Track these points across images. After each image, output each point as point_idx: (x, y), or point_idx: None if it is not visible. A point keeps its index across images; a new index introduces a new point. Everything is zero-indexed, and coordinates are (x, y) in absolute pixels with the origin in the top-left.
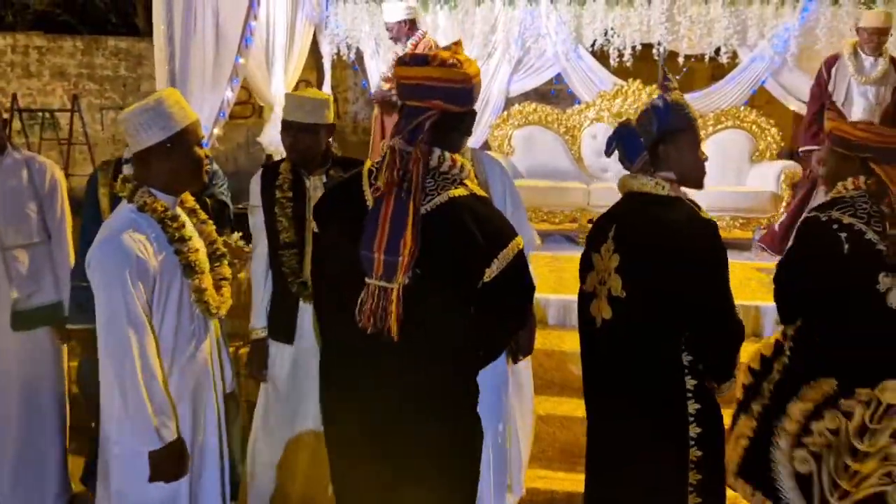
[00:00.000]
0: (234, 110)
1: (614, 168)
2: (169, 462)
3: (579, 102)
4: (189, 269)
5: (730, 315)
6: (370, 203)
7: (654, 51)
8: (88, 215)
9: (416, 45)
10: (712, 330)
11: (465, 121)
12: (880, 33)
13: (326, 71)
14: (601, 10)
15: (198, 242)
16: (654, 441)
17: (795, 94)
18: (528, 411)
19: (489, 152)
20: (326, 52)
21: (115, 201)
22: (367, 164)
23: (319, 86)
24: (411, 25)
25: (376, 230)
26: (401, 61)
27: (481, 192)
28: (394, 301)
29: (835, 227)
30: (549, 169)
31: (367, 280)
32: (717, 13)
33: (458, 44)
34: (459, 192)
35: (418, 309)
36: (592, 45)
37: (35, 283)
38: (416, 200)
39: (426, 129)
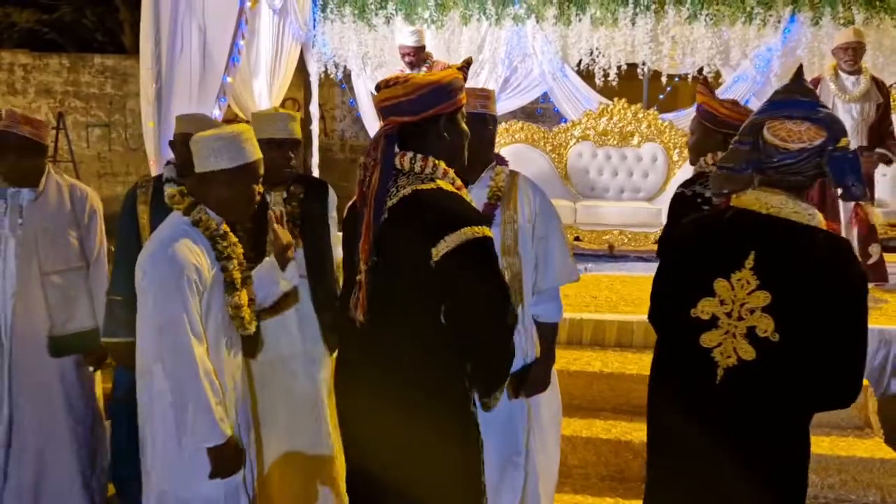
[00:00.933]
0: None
1: (599, 186)
2: (230, 457)
3: (565, 121)
4: (231, 285)
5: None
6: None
7: (639, 70)
8: (126, 230)
9: (430, 68)
10: (839, 384)
11: (430, 126)
12: (854, 48)
13: (314, 89)
14: (586, 30)
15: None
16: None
17: None
18: (552, 449)
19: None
20: (313, 70)
21: (154, 218)
22: None
23: (307, 104)
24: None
25: (361, 235)
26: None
27: (450, 188)
28: (362, 288)
29: (698, 200)
30: None
31: (357, 278)
32: (700, 33)
33: (467, 61)
34: (426, 186)
35: (383, 295)
36: (578, 65)
37: (71, 310)
38: (370, 198)
39: (381, 140)
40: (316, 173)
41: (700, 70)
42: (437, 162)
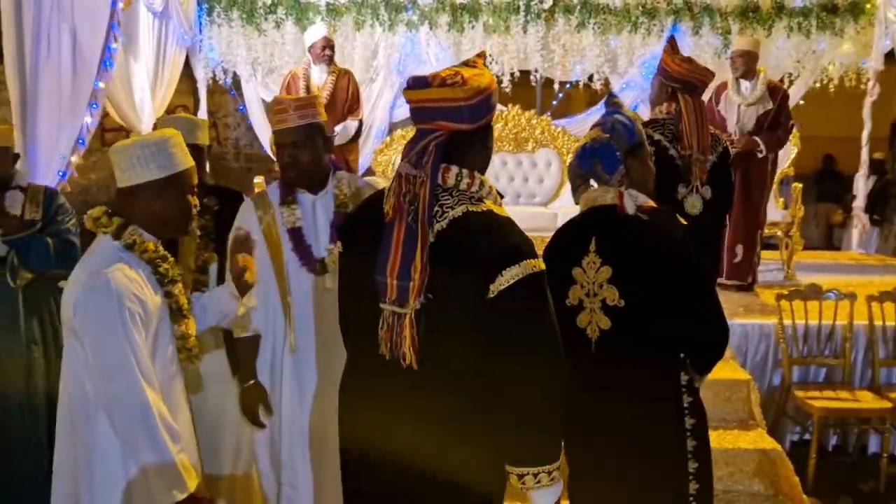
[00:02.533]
0: (107, 137)
1: (511, 193)
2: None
3: None
4: (178, 313)
5: (720, 314)
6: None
7: (532, 77)
8: None
9: (338, 78)
10: (707, 331)
11: (480, 137)
12: (740, 57)
13: (202, 96)
14: (479, 37)
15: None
16: (653, 450)
17: None
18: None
19: (372, 178)
20: (201, 76)
21: None
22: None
23: (195, 111)
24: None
25: (389, 254)
26: (406, 85)
27: (502, 211)
28: (406, 326)
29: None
30: None
31: (381, 305)
32: (589, 41)
33: (480, 55)
34: (476, 207)
35: (432, 335)
36: None
37: None
38: (423, 223)
39: (431, 150)
40: None
41: (590, 77)
42: (483, 179)
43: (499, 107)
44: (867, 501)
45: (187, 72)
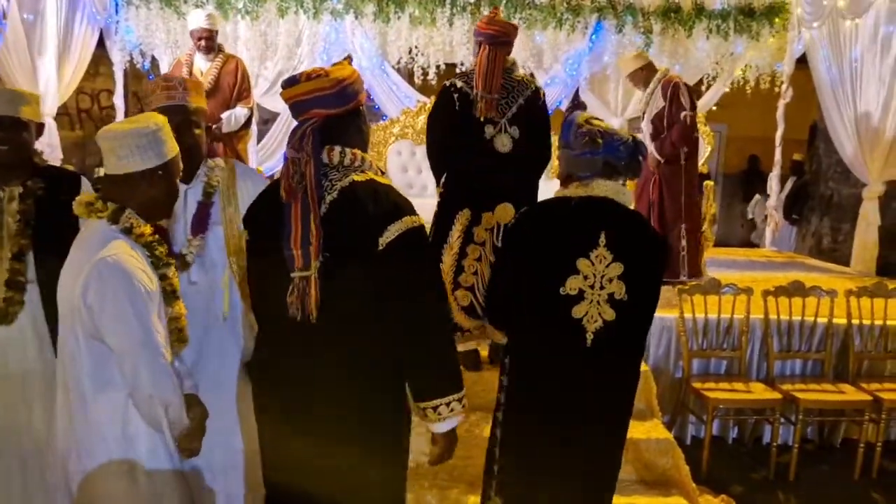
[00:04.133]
0: None
1: (418, 184)
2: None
3: (386, 118)
4: (172, 295)
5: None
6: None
7: (458, 70)
8: None
9: (223, 64)
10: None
11: (352, 120)
12: (638, 73)
13: (118, 80)
14: (405, 28)
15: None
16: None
17: None
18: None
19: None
20: (117, 59)
21: None
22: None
23: (114, 95)
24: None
25: (290, 230)
26: (282, 85)
27: (384, 179)
28: (312, 285)
29: (452, 89)
30: None
31: (292, 275)
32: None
33: (347, 58)
34: (360, 177)
35: (333, 290)
36: (398, 63)
37: None
38: (312, 194)
39: (308, 134)
40: None
41: None
42: (363, 155)
43: (422, 98)
44: (757, 489)
45: (107, 54)
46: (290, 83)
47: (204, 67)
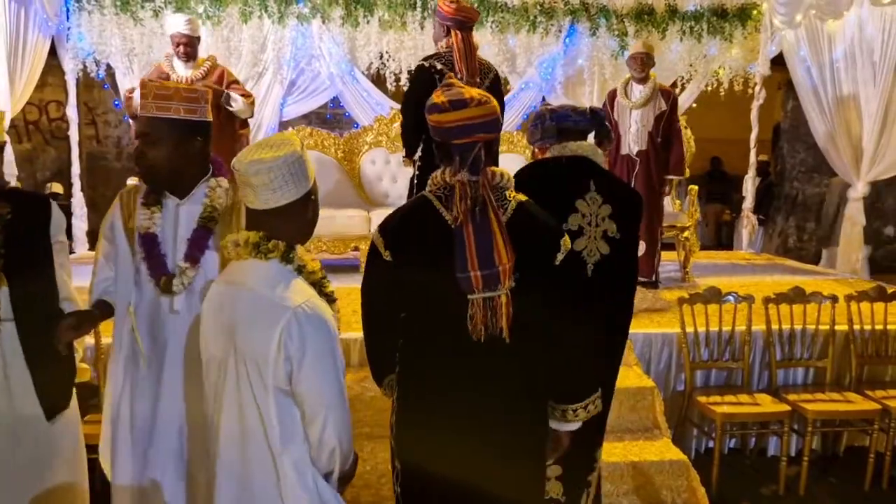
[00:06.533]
0: None
1: (394, 194)
2: None
3: (358, 126)
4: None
5: None
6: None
7: None
8: None
9: (207, 74)
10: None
11: (498, 142)
12: (641, 58)
13: (71, 89)
14: (375, 32)
15: None
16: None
17: None
18: None
19: None
20: (70, 68)
21: None
22: (430, 188)
23: (66, 106)
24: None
25: (465, 252)
26: (440, 108)
27: (524, 198)
28: (503, 304)
29: (431, 70)
30: (328, 196)
31: (469, 296)
32: (487, 40)
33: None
34: (518, 196)
35: (524, 308)
36: (368, 68)
37: None
38: (496, 216)
39: (481, 158)
40: (78, 184)
41: None
42: (502, 171)
43: (396, 105)
44: None
45: (58, 63)
46: (460, 106)
47: (185, 75)
